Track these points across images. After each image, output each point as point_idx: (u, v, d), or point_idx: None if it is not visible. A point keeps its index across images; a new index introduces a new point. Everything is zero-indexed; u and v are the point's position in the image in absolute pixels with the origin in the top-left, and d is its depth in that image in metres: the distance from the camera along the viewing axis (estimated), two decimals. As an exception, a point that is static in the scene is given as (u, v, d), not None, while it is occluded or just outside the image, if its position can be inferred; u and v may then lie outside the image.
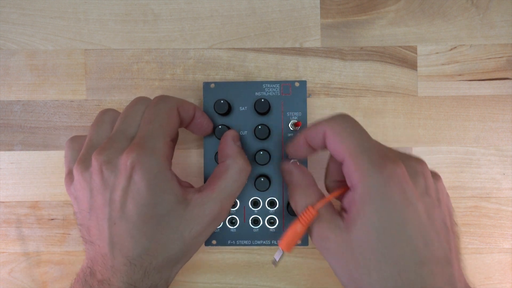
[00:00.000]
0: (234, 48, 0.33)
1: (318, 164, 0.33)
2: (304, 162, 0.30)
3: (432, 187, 0.23)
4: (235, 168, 0.26)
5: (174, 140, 0.27)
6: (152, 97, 0.33)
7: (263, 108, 0.29)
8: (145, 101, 0.26)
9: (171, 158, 0.25)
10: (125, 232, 0.23)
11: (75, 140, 0.27)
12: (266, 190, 0.29)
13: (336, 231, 0.22)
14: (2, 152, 0.33)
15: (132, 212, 0.22)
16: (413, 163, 0.23)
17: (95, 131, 0.25)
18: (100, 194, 0.23)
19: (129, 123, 0.25)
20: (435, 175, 0.24)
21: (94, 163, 0.23)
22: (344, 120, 0.23)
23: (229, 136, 0.27)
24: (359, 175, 0.21)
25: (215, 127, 0.29)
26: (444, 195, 0.24)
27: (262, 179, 0.29)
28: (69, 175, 0.26)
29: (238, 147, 0.27)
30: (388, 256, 0.20)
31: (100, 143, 0.25)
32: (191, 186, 0.26)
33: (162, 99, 0.26)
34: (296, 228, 0.24)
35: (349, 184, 0.23)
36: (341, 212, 0.23)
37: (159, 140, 0.24)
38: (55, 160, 0.33)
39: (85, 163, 0.24)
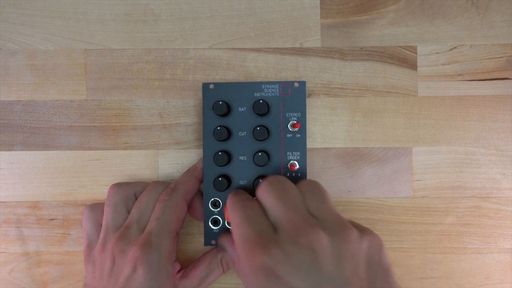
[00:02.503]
0: (234, 48, 0.33)
1: (317, 164, 0.33)
2: (303, 158, 0.30)
3: (325, 257, 0.20)
4: (215, 264, 0.30)
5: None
6: (152, 97, 0.33)
7: (261, 109, 0.29)
8: (159, 188, 0.30)
9: (175, 250, 0.29)
10: None
11: (93, 211, 0.30)
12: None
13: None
14: (2, 152, 0.33)
15: None
16: (299, 236, 0.21)
17: (112, 216, 0.29)
18: (107, 276, 0.27)
19: (142, 212, 0.29)
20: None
21: (110, 247, 0.27)
22: (240, 212, 0.24)
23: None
24: (238, 262, 0.23)
25: (214, 128, 0.29)
26: (352, 259, 0.21)
27: (260, 181, 0.29)
28: (89, 247, 0.29)
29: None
30: None
31: (117, 226, 0.29)
32: (180, 268, 0.30)
33: (170, 194, 0.29)
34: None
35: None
36: None
37: (165, 237, 0.27)
38: (55, 160, 0.33)
39: (104, 245, 0.28)
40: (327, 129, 0.33)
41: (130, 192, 0.30)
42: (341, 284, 0.20)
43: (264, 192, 0.25)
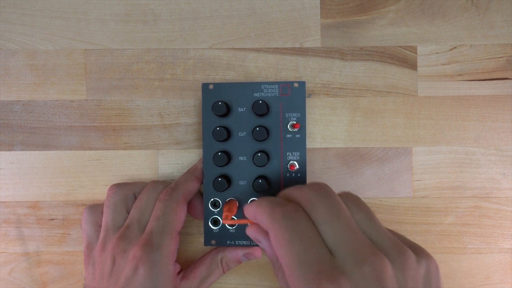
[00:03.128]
0: (234, 48, 0.33)
1: (317, 163, 0.33)
2: (302, 158, 0.30)
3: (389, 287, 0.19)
4: (215, 265, 0.30)
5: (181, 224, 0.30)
6: (152, 97, 0.33)
7: (261, 110, 0.29)
8: (158, 188, 0.30)
9: (176, 250, 0.28)
10: None
11: (92, 212, 0.30)
12: (264, 191, 0.29)
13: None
14: (2, 152, 0.33)
15: None
16: (363, 265, 0.19)
17: (112, 216, 0.29)
18: (108, 276, 0.27)
19: (142, 212, 0.29)
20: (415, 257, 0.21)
21: (110, 248, 0.27)
22: (286, 223, 0.21)
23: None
24: (283, 276, 0.21)
25: (213, 128, 0.29)
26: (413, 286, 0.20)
27: (260, 181, 0.29)
28: (89, 248, 0.29)
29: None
30: None
31: (117, 226, 0.29)
32: (180, 269, 0.30)
33: (171, 194, 0.29)
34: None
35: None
36: None
37: (166, 236, 0.27)
38: (55, 160, 0.33)
39: (105, 246, 0.28)
40: (327, 129, 0.33)
41: (129, 192, 0.30)
42: None
43: (313, 204, 0.22)
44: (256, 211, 0.23)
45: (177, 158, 0.33)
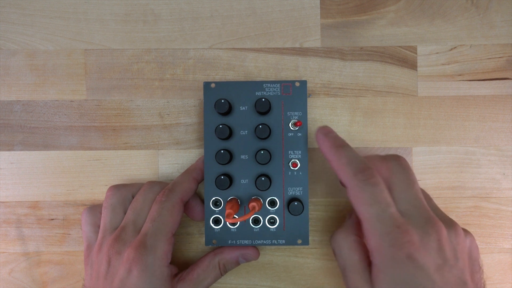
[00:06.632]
0: (234, 48, 0.33)
1: (317, 163, 0.33)
2: (304, 157, 0.30)
3: (447, 247, 0.24)
4: (213, 267, 0.30)
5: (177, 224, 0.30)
6: (152, 97, 0.33)
7: (263, 107, 0.29)
8: (155, 188, 0.30)
9: (171, 252, 0.28)
10: None
11: (91, 213, 0.30)
12: (266, 189, 0.29)
13: (365, 285, 0.24)
14: (2, 152, 0.33)
15: None
16: (427, 226, 0.24)
17: (110, 217, 0.29)
18: (103, 277, 0.27)
19: (138, 213, 0.29)
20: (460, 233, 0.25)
21: (106, 249, 0.28)
22: (366, 184, 0.25)
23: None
24: (372, 244, 0.24)
25: (215, 126, 0.29)
26: (462, 253, 0.24)
27: (262, 179, 0.29)
28: (88, 249, 0.30)
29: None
30: None
31: (114, 227, 0.29)
32: (177, 272, 0.30)
33: (167, 196, 0.29)
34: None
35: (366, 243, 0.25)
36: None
37: (161, 238, 0.27)
38: (55, 160, 0.33)
39: (101, 247, 0.28)
40: (327, 129, 0.33)
41: (128, 193, 0.30)
42: (459, 272, 0.23)
43: (395, 174, 0.26)
44: (338, 166, 0.26)
45: (177, 158, 0.33)
